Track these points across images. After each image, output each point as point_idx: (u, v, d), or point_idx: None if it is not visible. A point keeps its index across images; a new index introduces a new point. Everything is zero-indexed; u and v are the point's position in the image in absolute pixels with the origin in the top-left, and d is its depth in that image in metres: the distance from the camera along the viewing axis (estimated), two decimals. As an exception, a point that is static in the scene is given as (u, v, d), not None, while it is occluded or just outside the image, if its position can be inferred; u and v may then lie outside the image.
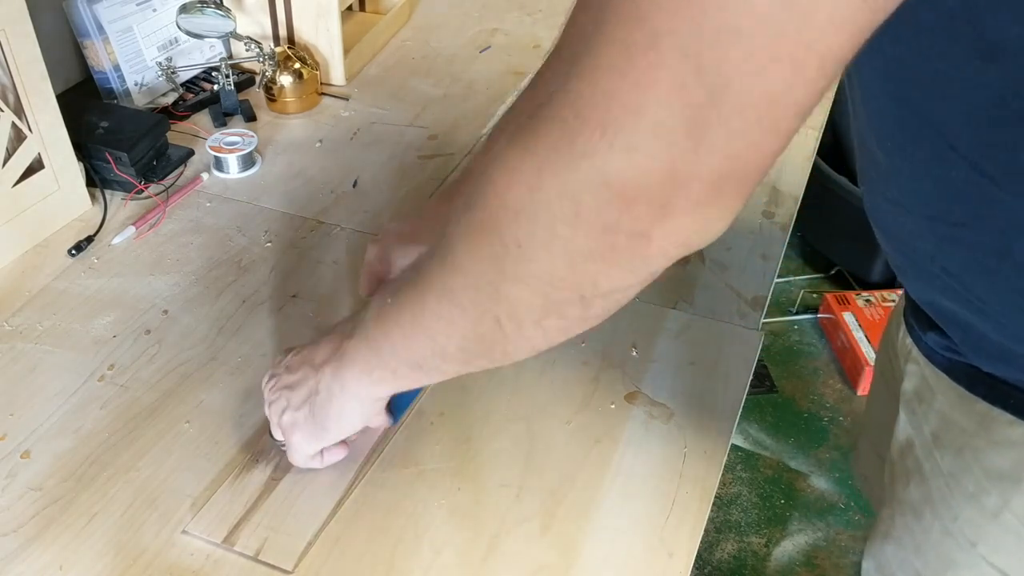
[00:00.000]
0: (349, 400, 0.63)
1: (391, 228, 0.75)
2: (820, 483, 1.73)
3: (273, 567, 0.65)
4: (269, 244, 0.97)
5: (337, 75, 1.28)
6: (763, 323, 0.88)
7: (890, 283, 2.06)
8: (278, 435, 0.69)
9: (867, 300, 1.99)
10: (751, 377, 0.82)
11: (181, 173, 1.08)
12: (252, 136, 1.09)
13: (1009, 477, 0.58)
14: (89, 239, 0.96)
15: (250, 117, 1.20)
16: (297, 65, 1.20)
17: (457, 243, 0.48)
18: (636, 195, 0.39)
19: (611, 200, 0.40)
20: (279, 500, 0.69)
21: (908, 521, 0.70)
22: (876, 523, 0.77)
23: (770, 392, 1.91)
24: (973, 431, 0.60)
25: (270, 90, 1.20)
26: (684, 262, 0.95)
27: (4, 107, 0.89)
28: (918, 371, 0.67)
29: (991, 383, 0.58)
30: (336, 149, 1.14)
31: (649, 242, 0.41)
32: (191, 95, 1.22)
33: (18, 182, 0.92)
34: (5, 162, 0.90)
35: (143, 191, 1.03)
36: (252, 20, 1.25)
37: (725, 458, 0.75)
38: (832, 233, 2.11)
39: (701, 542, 0.68)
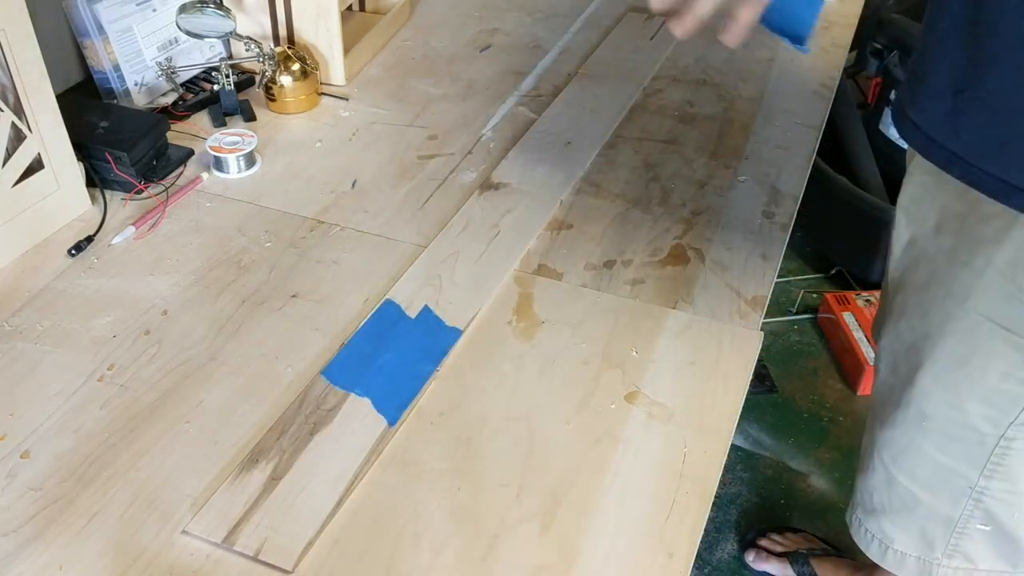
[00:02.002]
0: None
1: None
2: (820, 483, 1.73)
3: (273, 567, 0.65)
4: (269, 244, 0.97)
5: (337, 75, 1.28)
6: (763, 323, 0.88)
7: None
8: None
9: (867, 300, 1.99)
10: (751, 377, 0.82)
11: (181, 173, 1.08)
12: (252, 136, 1.09)
13: (992, 240, 0.74)
14: (89, 239, 0.96)
15: (250, 117, 1.20)
16: (297, 65, 1.20)
17: None
18: None
19: None
20: (279, 500, 0.69)
21: (919, 298, 0.85)
22: (887, 313, 0.92)
23: (770, 392, 1.91)
24: (967, 213, 0.75)
25: (270, 90, 1.20)
26: (684, 262, 0.95)
27: (4, 107, 0.89)
28: (916, 181, 0.83)
29: (978, 174, 0.70)
30: (336, 149, 1.14)
31: None
32: (191, 95, 1.22)
33: (18, 182, 0.92)
34: (5, 162, 0.90)
35: (143, 191, 1.03)
36: (252, 20, 1.25)
37: (725, 458, 0.75)
38: (832, 233, 2.11)
39: (701, 542, 0.68)
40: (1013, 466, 0.85)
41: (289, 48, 1.21)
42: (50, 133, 0.94)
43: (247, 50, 1.19)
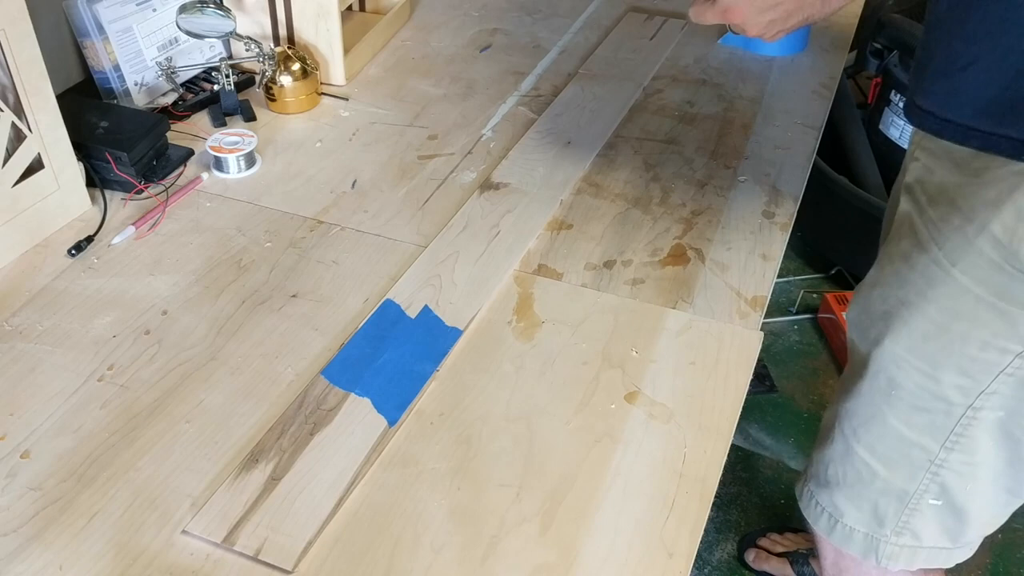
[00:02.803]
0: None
1: None
2: (820, 483, 1.72)
3: (273, 567, 0.65)
4: (269, 244, 0.97)
5: (337, 75, 1.28)
6: (763, 323, 0.88)
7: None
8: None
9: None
10: (751, 377, 0.82)
11: (181, 173, 1.08)
12: (252, 136, 1.09)
13: (993, 203, 0.73)
14: (89, 239, 0.96)
15: (250, 117, 1.20)
16: (297, 65, 1.20)
17: None
18: None
19: None
20: (279, 500, 0.69)
21: (897, 267, 0.85)
22: (861, 285, 0.92)
23: (770, 392, 1.91)
24: (966, 182, 0.75)
25: (270, 90, 1.20)
26: (684, 262, 0.95)
27: (4, 107, 0.89)
28: (920, 164, 0.82)
29: (986, 136, 0.70)
30: (336, 149, 1.15)
31: None
32: (191, 95, 1.22)
33: (18, 182, 0.92)
34: (5, 162, 0.90)
35: (143, 191, 1.03)
36: (252, 20, 1.25)
37: (725, 458, 0.75)
38: (832, 233, 2.11)
39: (701, 542, 0.68)
40: (975, 436, 0.84)
41: (289, 48, 1.21)
42: (50, 133, 0.94)
43: (247, 50, 1.19)
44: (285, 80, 1.19)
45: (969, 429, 0.84)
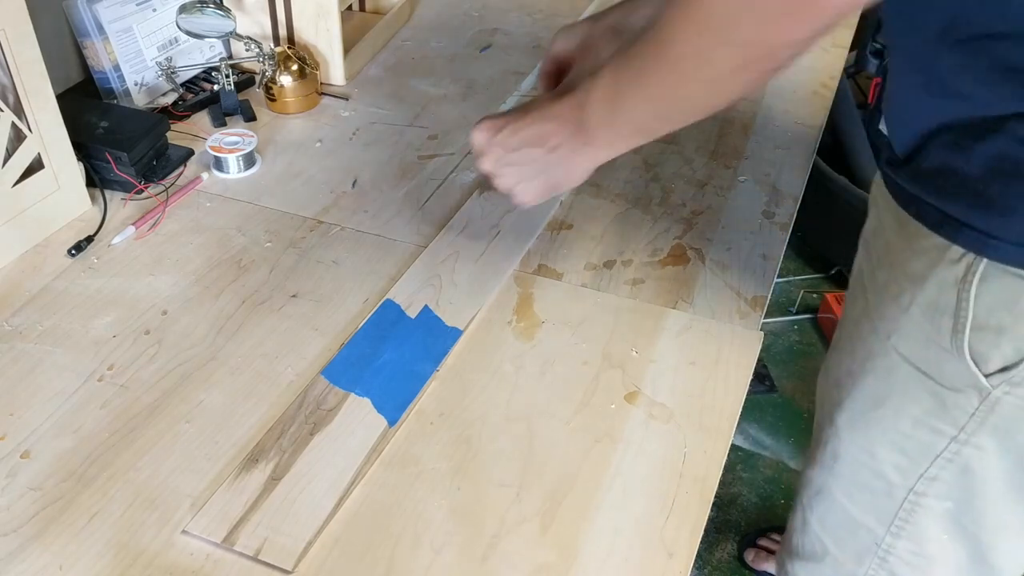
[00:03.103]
0: (584, 164, 0.76)
1: (574, 27, 0.84)
2: (820, 483, 1.72)
3: (273, 567, 0.65)
4: (269, 244, 0.97)
5: (337, 75, 1.28)
6: (763, 323, 0.88)
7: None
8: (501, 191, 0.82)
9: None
10: (751, 377, 0.82)
11: (181, 173, 1.08)
12: (252, 136, 1.09)
13: (919, 277, 0.71)
14: (89, 239, 0.96)
15: (250, 117, 1.20)
16: (297, 65, 1.20)
17: (669, 24, 0.61)
18: None
19: None
20: (279, 500, 0.69)
21: (849, 331, 0.83)
22: (830, 348, 0.90)
23: (770, 392, 1.91)
24: (903, 246, 0.73)
25: (270, 90, 1.20)
26: (684, 262, 0.95)
27: (4, 107, 0.89)
28: (876, 212, 0.80)
29: (920, 203, 0.69)
30: (336, 149, 1.15)
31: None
32: (191, 95, 1.22)
33: (18, 182, 0.92)
34: (5, 162, 0.90)
35: (143, 191, 1.03)
36: (252, 20, 1.25)
37: (725, 458, 0.75)
38: (832, 233, 2.11)
39: (701, 542, 0.68)
40: (920, 525, 0.81)
41: (289, 48, 1.21)
42: (50, 133, 0.94)
43: (247, 50, 1.19)
44: (285, 80, 1.19)
45: (914, 515, 0.81)
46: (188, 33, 1.14)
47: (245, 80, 1.25)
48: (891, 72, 0.73)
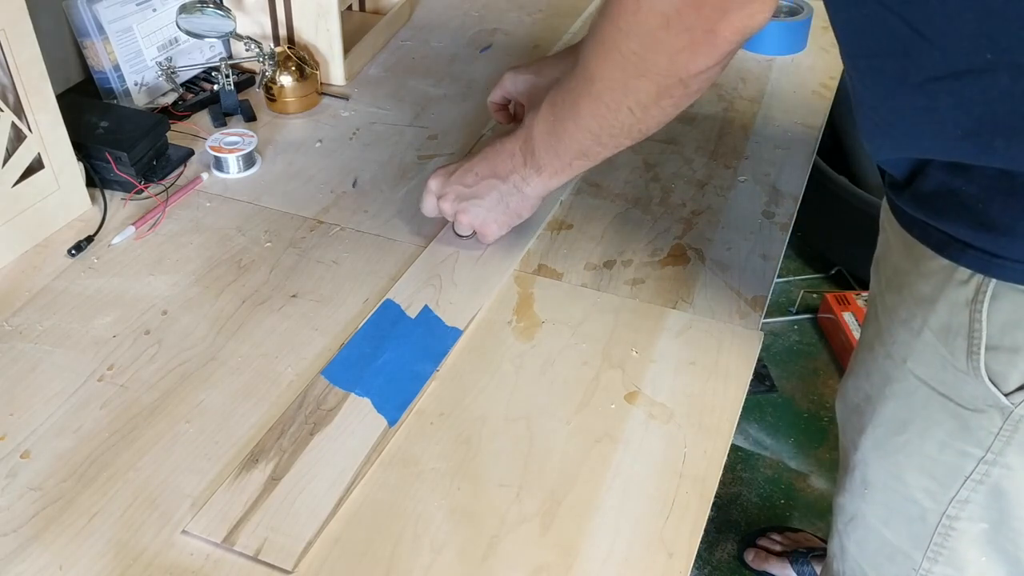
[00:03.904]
0: (536, 191, 0.87)
1: (522, 66, 0.99)
2: (820, 483, 1.73)
3: (273, 567, 0.65)
4: (269, 244, 0.97)
5: (337, 75, 1.28)
6: (763, 323, 0.88)
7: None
8: (464, 232, 0.94)
9: (867, 300, 2.00)
10: (751, 377, 0.82)
11: (181, 173, 1.08)
12: (252, 136, 1.09)
13: (928, 300, 0.71)
14: (89, 239, 0.96)
15: (250, 117, 1.20)
16: (297, 65, 1.20)
17: (592, 62, 0.71)
18: (702, 3, 0.61)
19: (687, 8, 0.61)
20: (279, 500, 0.69)
21: (864, 356, 0.84)
22: (846, 372, 0.91)
23: (770, 392, 1.91)
24: (909, 269, 0.73)
25: (270, 90, 1.20)
26: (684, 262, 0.95)
27: (4, 107, 0.89)
28: (884, 236, 0.80)
29: (923, 226, 0.70)
30: (336, 149, 1.15)
31: (716, 35, 0.63)
32: (191, 95, 1.22)
33: (18, 182, 0.92)
34: (5, 162, 0.90)
35: (143, 191, 1.03)
36: (252, 20, 1.25)
37: (725, 458, 0.75)
38: (832, 233, 2.11)
39: (701, 542, 0.68)
40: (957, 549, 0.80)
41: (289, 48, 1.21)
42: (50, 133, 0.94)
43: (247, 50, 1.19)
44: (285, 80, 1.19)
45: (949, 540, 0.80)
46: (188, 33, 1.14)
47: (245, 80, 1.25)
48: (863, 103, 0.72)
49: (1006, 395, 0.69)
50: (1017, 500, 0.74)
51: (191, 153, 1.11)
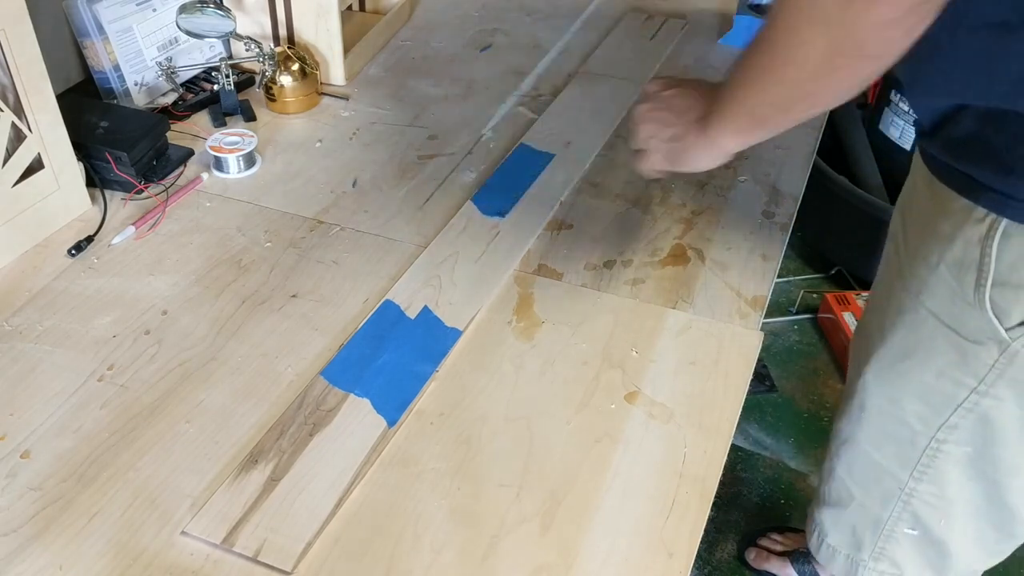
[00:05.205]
0: (709, 148, 0.77)
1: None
2: (820, 483, 1.73)
3: (272, 568, 0.65)
4: (269, 244, 0.97)
5: (337, 75, 1.28)
6: (763, 323, 0.88)
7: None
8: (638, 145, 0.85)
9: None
10: (751, 377, 0.82)
11: (181, 173, 1.08)
12: (252, 136, 1.09)
13: (947, 237, 0.75)
14: (89, 239, 0.96)
15: (250, 117, 1.20)
16: (297, 65, 1.20)
17: (771, 12, 0.64)
18: None
19: None
20: (278, 501, 0.69)
21: (882, 291, 0.88)
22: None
23: (770, 392, 1.91)
24: (933, 210, 0.77)
25: (270, 90, 1.20)
26: (684, 262, 0.95)
27: (4, 107, 0.89)
28: (912, 180, 0.84)
29: (949, 169, 0.74)
30: (336, 149, 1.14)
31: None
32: (191, 95, 1.22)
33: (18, 182, 0.92)
34: (5, 162, 0.90)
35: (143, 191, 1.03)
36: (252, 20, 1.25)
37: (725, 458, 0.75)
38: (832, 233, 2.11)
39: (701, 542, 0.68)
40: (942, 470, 0.86)
41: (289, 48, 1.21)
42: (50, 133, 0.94)
43: (247, 50, 1.19)
44: (285, 80, 1.19)
45: (936, 461, 0.86)
46: (188, 33, 1.14)
47: (245, 80, 1.25)
48: (919, 50, 0.74)
49: (1007, 330, 0.74)
50: (1001, 429, 0.80)
51: (191, 153, 1.11)
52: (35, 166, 0.94)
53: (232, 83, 1.19)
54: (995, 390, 0.78)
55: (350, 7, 1.45)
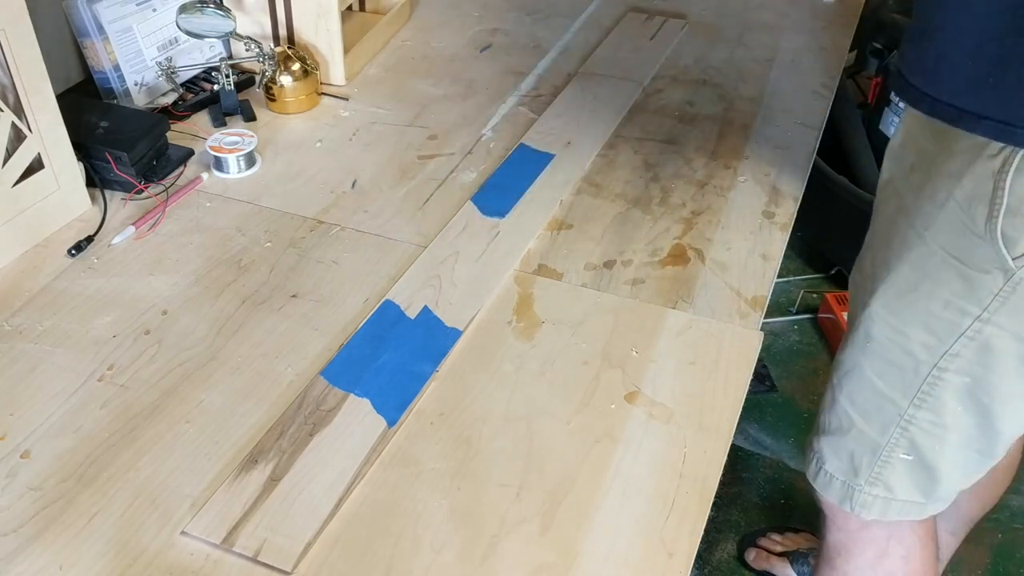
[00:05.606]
0: None
1: None
2: (820, 483, 1.72)
3: (272, 568, 0.65)
4: (269, 244, 0.97)
5: (337, 75, 1.28)
6: (763, 323, 0.88)
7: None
8: None
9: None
10: (751, 377, 0.82)
11: (181, 173, 1.08)
12: (252, 136, 1.09)
13: (956, 175, 0.78)
14: (89, 239, 0.96)
15: (250, 117, 1.20)
16: (297, 65, 1.20)
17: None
18: None
19: None
20: (278, 501, 0.69)
21: (883, 228, 0.90)
22: (862, 249, 0.98)
23: (770, 392, 1.91)
24: (938, 152, 0.80)
25: (270, 90, 1.20)
26: (684, 262, 0.95)
27: (4, 107, 0.89)
28: (904, 128, 0.87)
29: (958, 111, 0.76)
30: (336, 149, 1.15)
31: None
32: (191, 95, 1.22)
33: (18, 182, 0.92)
34: (5, 162, 0.90)
35: (143, 191, 1.03)
36: (252, 20, 1.25)
37: (725, 458, 0.75)
38: (832, 233, 2.11)
39: (701, 542, 0.68)
40: (941, 398, 0.88)
41: (289, 48, 1.21)
42: (50, 133, 0.94)
43: (247, 50, 1.19)
44: (285, 80, 1.19)
45: (936, 389, 0.88)
46: (188, 33, 1.14)
47: (245, 80, 1.25)
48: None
49: (1014, 258, 0.76)
50: (1000, 357, 0.83)
51: (191, 153, 1.11)
52: (35, 166, 0.94)
53: (232, 83, 1.19)
54: (997, 317, 0.81)
55: (350, 7, 1.45)
